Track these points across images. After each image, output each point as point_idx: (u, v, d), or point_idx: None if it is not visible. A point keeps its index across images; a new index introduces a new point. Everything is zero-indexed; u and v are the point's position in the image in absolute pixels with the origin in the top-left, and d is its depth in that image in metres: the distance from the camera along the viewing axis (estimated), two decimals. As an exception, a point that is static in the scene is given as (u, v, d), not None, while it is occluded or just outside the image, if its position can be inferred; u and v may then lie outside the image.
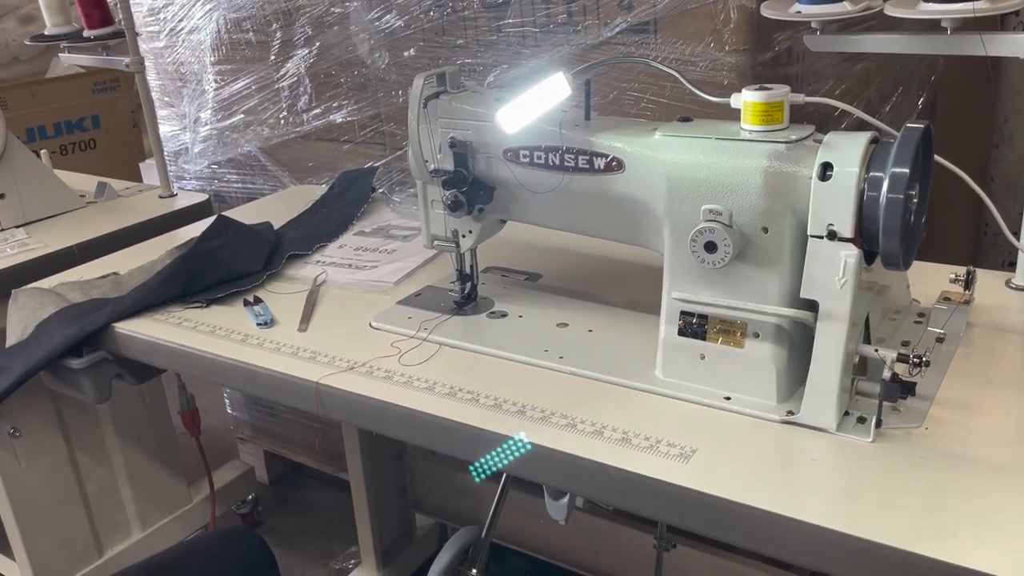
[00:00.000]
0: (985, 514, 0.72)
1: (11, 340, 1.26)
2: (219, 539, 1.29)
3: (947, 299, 1.04)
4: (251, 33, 1.89)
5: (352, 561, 1.98)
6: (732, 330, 0.89)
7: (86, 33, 1.85)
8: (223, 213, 1.44)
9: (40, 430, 1.65)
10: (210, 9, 1.92)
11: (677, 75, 0.94)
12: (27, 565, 1.69)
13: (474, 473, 0.95)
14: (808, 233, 0.82)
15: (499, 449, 0.87)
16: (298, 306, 1.20)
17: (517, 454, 0.86)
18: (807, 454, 0.82)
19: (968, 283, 1.03)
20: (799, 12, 1.11)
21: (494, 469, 0.88)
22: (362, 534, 1.83)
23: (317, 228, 1.49)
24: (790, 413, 0.86)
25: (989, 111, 2.02)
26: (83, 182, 1.92)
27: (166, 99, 2.11)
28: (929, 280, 1.06)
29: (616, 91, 1.44)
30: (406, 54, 1.68)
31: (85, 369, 1.22)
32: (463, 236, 1.10)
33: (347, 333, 1.11)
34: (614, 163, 0.94)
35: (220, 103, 2.00)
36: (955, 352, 0.95)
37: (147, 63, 1.97)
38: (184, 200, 1.83)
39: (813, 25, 1.12)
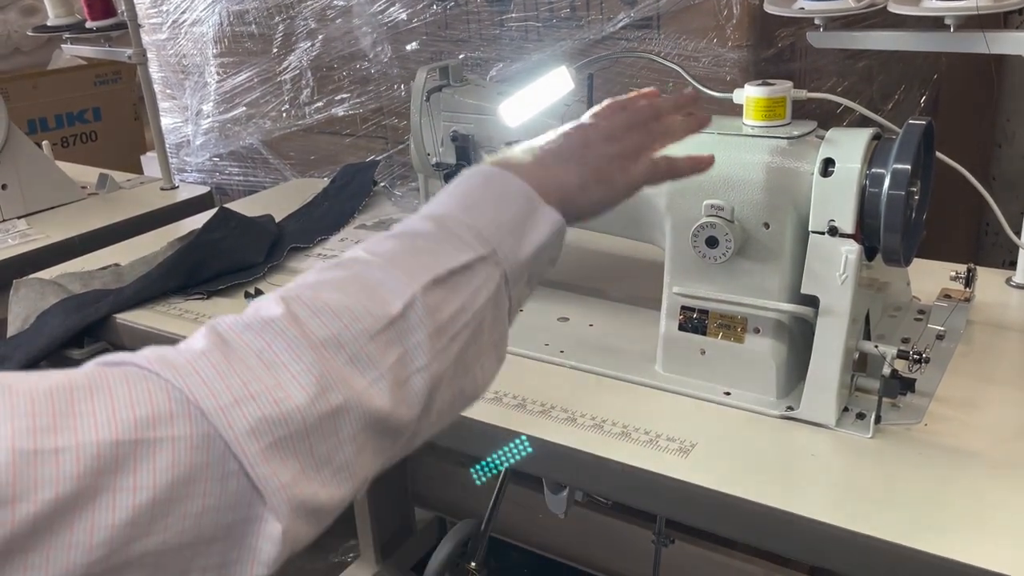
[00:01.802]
0: (984, 510, 0.72)
1: (12, 330, 1.26)
2: None
3: (947, 296, 1.04)
4: (253, 26, 1.88)
5: (351, 554, 1.98)
6: (732, 325, 0.89)
7: (88, 24, 1.84)
8: (224, 205, 1.44)
9: (40, 421, 1.65)
10: (212, 1, 1.92)
11: (680, 70, 0.94)
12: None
13: (475, 475, 0.95)
14: (809, 229, 0.82)
15: (501, 451, 0.87)
16: (299, 299, 1.20)
17: (518, 456, 0.86)
18: (806, 449, 0.82)
19: (969, 281, 1.03)
20: (802, 8, 1.11)
21: (496, 469, 0.88)
22: (361, 527, 1.83)
23: (318, 221, 1.49)
24: (790, 408, 0.86)
25: (991, 110, 2.02)
26: (84, 174, 1.92)
27: (168, 91, 2.11)
28: (930, 277, 1.06)
29: (619, 86, 1.44)
30: (408, 48, 1.68)
31: (86, 360, 1.22)
32: (464, 230, 1.10)
33: (348, 326, 1.11)
34: (616, 158, 0.94)
35: (222, 96, 2.00)
36: (955, 349, 0.95)
37: (149, 55, 1.96)
38: (185, 192, 1.83)
39: (816, 21, 1.12)
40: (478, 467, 0.92)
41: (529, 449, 0.85)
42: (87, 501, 0.39)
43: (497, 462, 0.87)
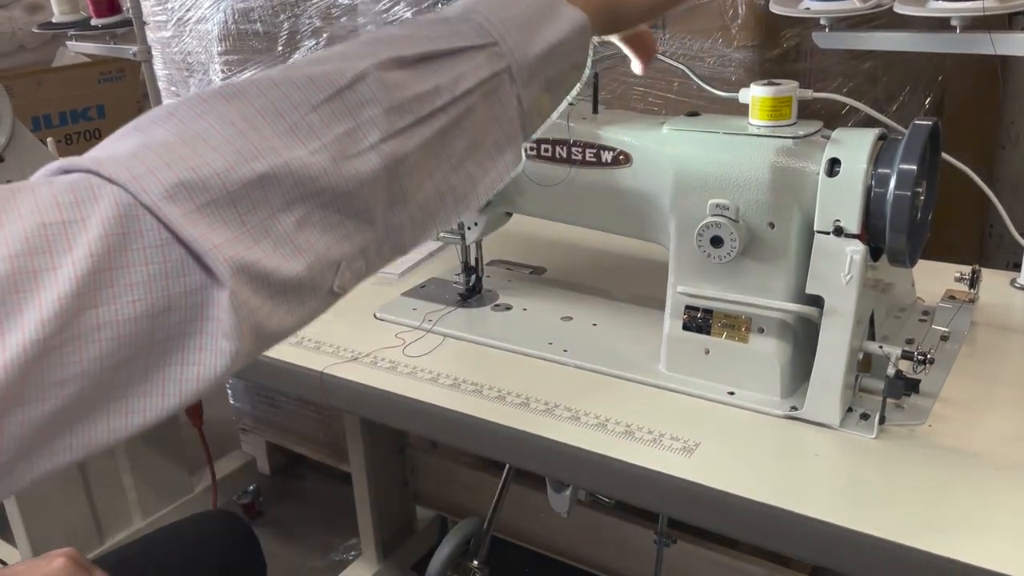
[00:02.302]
0: (987, 510, 0.72)
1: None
2: (195, 522, 1.28)
3: (952, 298, 1.04)
4: (258, 24, 1.89)
5: (352, 553, 1.99)
6: (737, 325, 0.89)
7: (94, 21, 1.85)
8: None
9: (43, 417, 1.65)
10: (218, -1, 1.92)
11: (685, 69, 0.94)
12: (28, 551, 1.69)
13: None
14: (814, 229, 0.82)
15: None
16: (303, 296, 1.20)
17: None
18: (810, 449, 0.82)
19: (973, 282, 1.03)
20: (808, 8, 1.11)
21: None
22: (363, 526, 1.84)
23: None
24: (794, 408, 0.86)
25: (996, 112, 2.01)
26: (89, 171, 1.92)
27: (172, 89, 2.11)
28: (934, 279, 1.06)
29: (623, 86, 1.44)
30: (413, 47, 1.68)
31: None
32: (468, 228, 1.10)
33: (351, 324, 1.11)
34: (621, 157, 0.94)
35: (226, 93, 2.00)
36: (959, 351, 0.95)
37: (154, 52, 1.97)
38: (189, 190, 1.83)
39: (822, 22, 1.12)
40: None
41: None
42: (27, 281, 0.39)
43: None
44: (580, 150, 0.97)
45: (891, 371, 0.81)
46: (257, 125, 0.46)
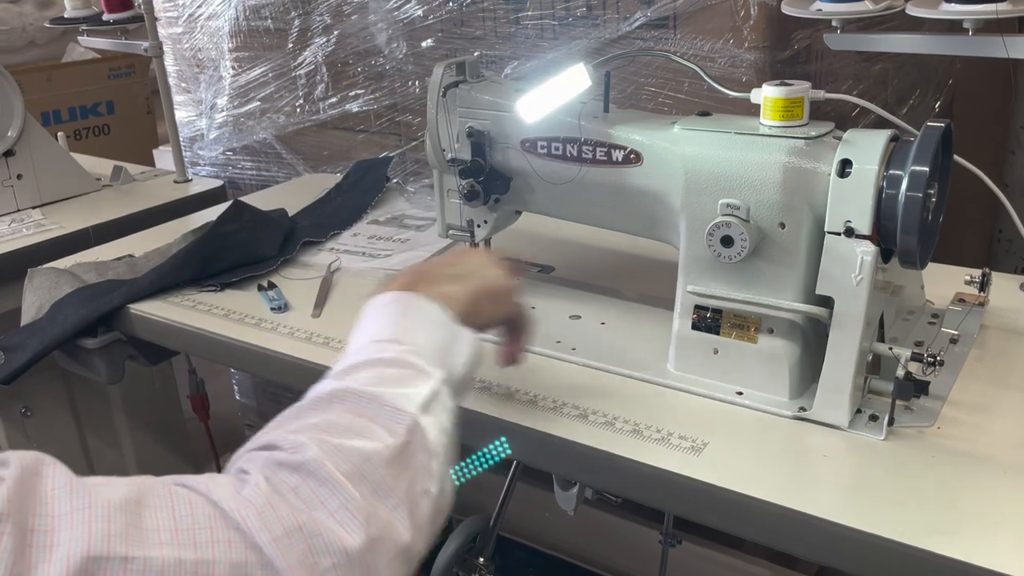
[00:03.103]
0: (995, 512, 0.72)
1: (26, 319, 1.26)
2: None
3: (962, 301, 1.04)
4: (269, 20, 1.89)
5: (357, 550, 1.98)
6: (746, 325, 0.89)
7: (105, 17, 1.85)
8: (239, 198, 1.44)
9: (51, 410, 1.66)
10: (229, -4, 1.93)
11: (697, 69, 0.94)
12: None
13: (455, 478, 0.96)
14: (825, 229, 0.82)
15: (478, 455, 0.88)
16: (312, 292, 1.20)
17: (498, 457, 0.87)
18: (819, 450, 0.82)
19: (983, 285, 1.03)
20: (820, 10, 1.11)
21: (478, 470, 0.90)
22: (368, 523, 1.83)
23: (331, 216, 1.49)
24: (802, 409, 0.86)
25: (1006, 117, 2.00)
26: (99, 165, 1.93)
27: (183, 85, 2.12)
28: (944, 282, 1.06)
29: (633, 86, 1.44)
30: (424, 44, 1.68)
31: (99, 349, 1.23)
32: (478, 226, 1.11)
33: (360, 320, 1.11)
34: (632, 156, 0.94)
35: (237, 90, 2.01)
36: (968, 353, 0.95)
37: (165, 48, 1.97)
38: (199, 186, 1.84)
39: (833, 23, 1.12)
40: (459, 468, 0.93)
41: (508, 451, 0.86)
42: None
43: (476, 463, 0.88)
44: (591, 149, 0.97)
45: (900, 373, 0.81)
46: (352, 491, 0.55)
